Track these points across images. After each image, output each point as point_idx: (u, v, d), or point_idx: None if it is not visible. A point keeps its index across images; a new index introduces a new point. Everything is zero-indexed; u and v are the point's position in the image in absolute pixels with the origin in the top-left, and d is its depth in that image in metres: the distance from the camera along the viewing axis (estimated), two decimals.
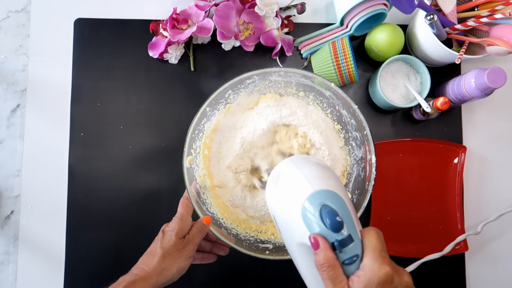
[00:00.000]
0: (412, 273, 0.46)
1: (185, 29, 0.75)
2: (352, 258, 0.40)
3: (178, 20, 0.76)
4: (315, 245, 0.40)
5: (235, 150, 0.70)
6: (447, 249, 0.71)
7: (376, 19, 0.75)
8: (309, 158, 0.50)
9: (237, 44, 0.78)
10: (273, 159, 0.69)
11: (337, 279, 0.40)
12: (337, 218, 0.40)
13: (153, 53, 0.78)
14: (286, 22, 0.79)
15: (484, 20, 0.68)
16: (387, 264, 0.40)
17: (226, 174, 0.70)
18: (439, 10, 0.71)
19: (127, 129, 0.79)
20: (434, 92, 0.78)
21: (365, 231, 0.42)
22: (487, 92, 0.67)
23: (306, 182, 0.43)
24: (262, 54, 0.80)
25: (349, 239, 0.40)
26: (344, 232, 0.40)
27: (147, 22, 0.79)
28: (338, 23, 0.78)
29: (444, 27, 0.71)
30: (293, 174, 0.45)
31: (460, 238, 0.73)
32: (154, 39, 0.78)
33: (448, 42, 0.74)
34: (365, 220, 0.76)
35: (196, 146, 0.66)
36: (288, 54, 0.79)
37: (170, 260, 0.56)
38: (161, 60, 0.79)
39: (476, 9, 0.73)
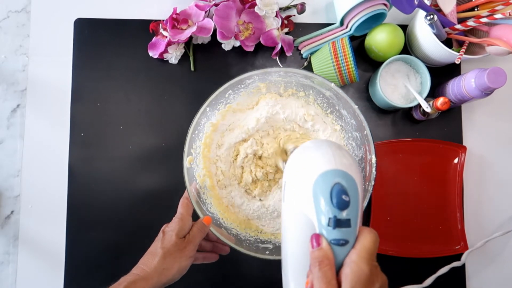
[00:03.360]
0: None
1: (185, 29, 0.75)
2: (340, 240, 0.40)
3: (178, 20, 0.75)
4: (317, 243, 0.40)
5: (231, 148, 0.70)
6: (463, 258, 0.73)
7: (376, 19, 0.75)
8: (342, 146, 0.50)
9: (237, 44, 0.78)
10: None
11: (330, 281, 0.39)
12: (344, 197, 0.40)
13: (153, 53, 0.78)
14: (286, 22, 0.79)
15: (484, 20, 0.68)
16: (374, 267, 0.40)
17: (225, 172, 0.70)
18: (439, 10, 0.71)
19: (127, 129, 0.79)
20: (434, 92, 0.78)
21: (364, 229, 0.42)
22: (487, 92, 0.67)
23: (332, 159, 0.43)
24: (262, 54, 0.80)
25: (346, 223, 0.40)
26: (345, 214, 0.40)
27: (147, 22, 0.79)
28: (338, 23, 0.78)
29: (444, 27, 0.71)
30: (322, 148, 0.46)
31: (479, 244, 0.74)
32: (154, 39, 0.78)
33: (448, 42, 0.75)
34: (365, 220, 0.76)
35: (196, 146, 0.66)
36: (288, 54, 0.79)
37: (170, 260, 0.56)
38: (161, 60, 0.79)
39: (476, 9, 0.73)
